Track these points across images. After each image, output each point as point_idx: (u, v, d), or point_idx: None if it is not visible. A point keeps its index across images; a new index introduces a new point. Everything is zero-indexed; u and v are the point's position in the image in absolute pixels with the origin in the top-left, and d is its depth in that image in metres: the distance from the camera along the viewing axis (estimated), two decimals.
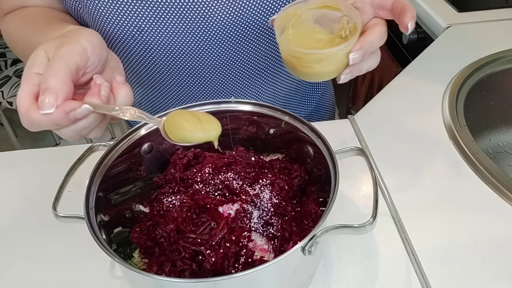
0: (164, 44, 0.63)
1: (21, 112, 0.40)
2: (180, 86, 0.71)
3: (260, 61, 0.70)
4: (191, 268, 0.45)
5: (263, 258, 0.46)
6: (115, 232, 0.52)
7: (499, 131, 0.91)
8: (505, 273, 0.51)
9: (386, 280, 0.51)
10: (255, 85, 0.73)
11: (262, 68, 0.71)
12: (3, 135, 2.14)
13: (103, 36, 0.60)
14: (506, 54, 0.86)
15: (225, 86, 0.71)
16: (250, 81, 0.72)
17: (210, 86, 0.71)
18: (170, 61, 0.66)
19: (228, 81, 0.71)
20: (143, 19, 0.59)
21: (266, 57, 0.70)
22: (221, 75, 0.69)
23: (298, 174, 0.55)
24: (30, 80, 0.41)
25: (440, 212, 0.59)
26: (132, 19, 0.59)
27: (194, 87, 0.71)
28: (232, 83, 0.71)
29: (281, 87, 0.77)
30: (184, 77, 0.69)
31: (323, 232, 0.40)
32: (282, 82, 0.76)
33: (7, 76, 1.96)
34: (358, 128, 0.75)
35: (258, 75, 0.72)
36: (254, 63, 0.70)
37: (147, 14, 0.59)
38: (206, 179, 0.54)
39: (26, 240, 0.59)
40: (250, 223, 0.49)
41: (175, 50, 0.64)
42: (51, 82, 0.40)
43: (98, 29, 0.62)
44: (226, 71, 0.69)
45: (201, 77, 0.69)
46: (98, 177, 0.49)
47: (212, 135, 0.47)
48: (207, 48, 0.65)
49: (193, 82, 0.70)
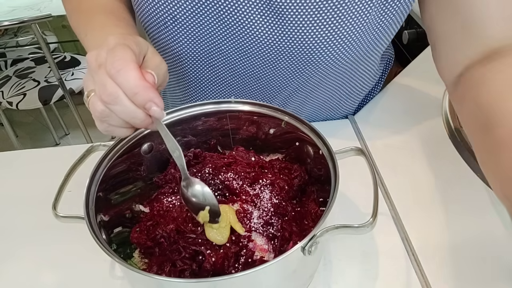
0: (193, 36, 0.61)
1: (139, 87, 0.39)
2: (199, 82, 0.70)
3: (286, 77, 0.67)
4: (191, 268, 0.45)
5: (263, 258, 0.46)
6: (115, 232, 0.52)
7: None
8: (505, 273, 0.51)
9: (386, 280, 0.51)
10: (277, 94, 0.72)
11: (287, 83, 0.68)
12: (3, 135, 2.15)
13: (140, 17, 0.61)
14: None
15: (244, 90, 0.70)
16: (270, 90, 0.70)
17: (231, 87, 0.70)
18: (196, 55, 0.64)
19: (249, 86, 0.69)
20: (177, 6, 0.58)
21: (296, 74, 0.66)
22: (244, 79, 0.68)
23: (298, 174, 0.55)
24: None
25: (440, 212, 0.59)
26: (168, 6, 0.58)
27: (214, 85, 0.70)
28: (253, 89, 0.70)
29: (309, 101, 0.75)
30: (204, 74, 0.68)
31: (323, 232, 0.40)
32: (310, 97, 0.75)
33: (7, 76, 1.96)
34: (358, 128, 0.75)
35: (282, 87, 0.69)
36: (280, 77, 0.67)
37: (183, 2, 0.57)
38: (206, 179, 0.54)
39: (26, 240, 0.59)
40: (250, 223, 0.49)
41: (203, 45, 0.62)
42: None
43: (137, 9, 0.61)
44: (249, 77, 0.67)
45: (224, 77, 0.68)
46: (98, 177, 0.49)
47: (217, 240, 0.47)
48: (236, 51, 0.62)
49: (214, 80, 0.69)
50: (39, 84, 1.88)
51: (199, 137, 0.60)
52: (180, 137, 0.59)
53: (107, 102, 0.39)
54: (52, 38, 2.29)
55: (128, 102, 0.39)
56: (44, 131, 2.46)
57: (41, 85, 1.88)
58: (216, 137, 0.61)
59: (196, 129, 0.59)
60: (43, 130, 2.47)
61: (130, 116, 0.40)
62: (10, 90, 1.87)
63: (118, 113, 0.40)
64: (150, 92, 0.39)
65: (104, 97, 0.39)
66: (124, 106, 0.39)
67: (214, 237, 0.46)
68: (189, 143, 0.60)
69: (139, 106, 0.40)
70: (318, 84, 0.69)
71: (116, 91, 0.39)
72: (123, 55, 0.39)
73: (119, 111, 0.40)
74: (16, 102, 1.81)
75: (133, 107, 0.39)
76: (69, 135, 2.44)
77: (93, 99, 0.41)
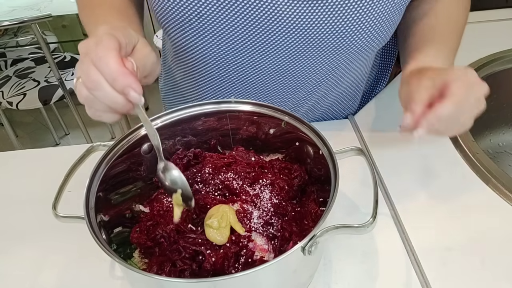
0: (219, 32, 0.61)
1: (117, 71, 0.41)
2: (222, 81, 0.70)
3: (309, 77, 0.68)
4: (191, 268, 0.45)
5: (263, 258, 0.46)
6: (115, 232, 0.52)
7: (499, 131, 0.91)
8: (505, 273, 0.51)
9: (386, 280, 0.51)
10: (291, 96, 0.72)
11: (309, 83, 0.69)
12: (3, 135, 2.15)
13: (159, 15, 0.61)
14: (506, 54, 0.86)
15: (265, 88, 0.70)
16: (288, 91, 0.70)
17: (250, 86, 0.70)
18: (221, 52, 0.64)
19: (271, 84, 0.69)
20: (202, 2, 0.58)
21: (318, 73, 0.68)
22: (265, 79, 0.68)
23: (298, 174, 0.55)
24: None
25: (440, 212, 0.59)
26: (192, 2, 0.58)
27: (235, 83, 0.70)
28: (273, 87, 0.70)
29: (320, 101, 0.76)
30: (228, 72, 0.68)
31: (323, 232, 0.40)
32: (322, 97, 0.76)
33: (7, 76, 1.96)
34: (358, 128, 0.75)
35: (299, 88, 0.70)
36: (304, 77, 0.68)
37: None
38: (206, 179, 0.55)
39: (26, 240, 0.59)
40: (250, 223, 0.49)
41: (229, 41, 0.62)
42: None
43: (157, 7, 0.61)
44: (272, 74, 0.67)
45: (244, 76, 0.68)
46: (98, 177, 0.49)
47: (217, 240, 0.47)
48: (261, 48, 0.62)
49: (235, 79, 0.69)
50: (39, 84, 1.89)
51: (199, 137, 0.60)
52: (180, 137, 0.59)
53: (90, 88, 0.42)
54: (52, 38, 2.29)
55: (109, 88, 0.41)
56: (44, 131, 2.46)
57: (41, 85, 1.88)
58: (216, 137, 0.61)
59: (196, 129, 0.59)
60: (43, 130, 2.47)
61: (111, 101, 0.42)
62: (10, 90, 1.87)
63: (100, 98, 0.42)
64: (128, 78, 0.41)
65: (87, 83, 0.42)
66: (105, 92, 0.41)
67: (214, 237, 0.47)
68: (189, 143, 0.60)
69: (119, 92, 0.42)
70: (338, 78, 0.71)
71: (98, 78, 0.41)
72: (107, 44, 0.42)
73: (101, 96, 0.42)
74: (16, 102, 1.82)
75: (114, 93, 0.41)
76: (69, 135, 2.44)
77: (79, 85, 0.43)
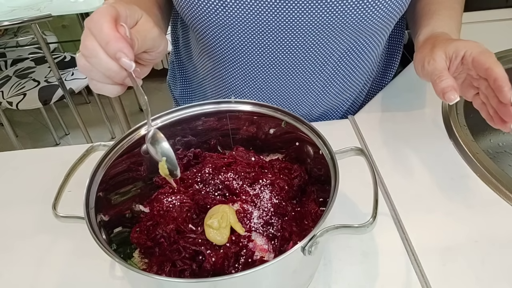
0: (239, 20, 0.62)
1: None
2: (246, 68, 0.71)
3: (323, 71, 0.70)
4: (191, 268, 0.45)
5: (263, 258, 0.46)
6: (115, 232, 0.52)
7: (499, 131, 0.91)
8: (505, 273, 0.51)
9: (386, 280, 0.51)
10: (305, 93, 0.74)
11: (330, 64, 0.70)
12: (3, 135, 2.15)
13: (184, 9, 0.63)
14: (506, 54, 0.86)
15: (287, 76, 0.72)
16: (308, 75, 0.72)
17: (273, 72, 0.71)
18: (241, 39, 0.66)
19: (292, 71, 0.71)
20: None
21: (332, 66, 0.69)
22: (288, 60, 0.69)
23: (298, 174, 0.55)
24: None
25: (440, 212, 0.59)
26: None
27: (261, 68, 0.71)
28: (294, 76, 0.71)
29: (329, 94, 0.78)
30: (253, 58, 0.69)
31: (323, 232, 0.40)
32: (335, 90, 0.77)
33: (7, 76, 1.96)
34: (358, 128, 0.75)
35: (320, 71, 0.71)
36: (326, 56, 0.69)
37: None
38: (206, 179, 0.55)
39: (26, 240, 0.59)
40: (250, 223, 0.49)
41: (250, 25, 0.63)
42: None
43: (183, 2, 0.62)
44: (295, 59, 0.68)
45: (269, 61, 0.69)
46: (98, 177, 0.49)
47: (217, 240, 0.47)
48: (284, 25, 0.63)
49: (254, 71, 0.71)
50: (39, 84, 1.89)
51: (199, 137, 0.60)
52: (180, 137, 0.59)
53: (86, 55, 0.43)
54: (52, 38, 2.29)
55: (103, 55, 0.42)
56: (44, 131, 2.46)
57: (41, 85, 1.88)
58: (216, 137, 0.61)
59: (196, 129, 0.59)
60: (43, 130, 2.47)
61: (105, 68, 0.43)
62: (10, 90, 1.87)
63: (96, 65, 0.43)
64: (120, 42, 0.42)
65: (84, 51, 0.43)
66: (99, 58, 0.42)
67: (214, 238, 0.47)
68: (189, 143, 0.60)
69: (112, 58, 0.42)
70: (355, 60, 0.72)
71: (92, 44, 0.42)
72: (104, 10, 0.43)
73: (96, 63, 0.43)
74: (16, 102, 1.82)
75: (107, 59, 0.42)
76: (69, 135, 2.44)
77: (78, 55, 0.44)
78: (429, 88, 0.81)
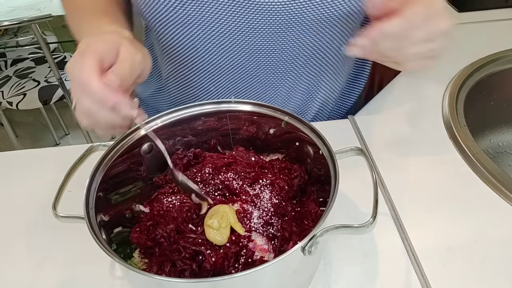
0: (203, 19, 0.62)
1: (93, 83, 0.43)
2: (210, 72, 0.71)
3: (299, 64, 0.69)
4: (191, 268, 0.45)
5: (263, 258, 0.46)
6: (115, 232, 0.52)
7: (499, 131, 0.91)
8: (505, 273, 0.51)
9: (386, 280, 0.51)
10: (281, 86, 0.73)
11: (298, 62, 0.70)
12: (3, 135, 2.15)
13: (144, 9, 0.62)
14: (506, 54, 0.86)
15: (256, 78, 0.72)
16: (280, 73, 0.72)
17: (239, 75, 0.71)
18: (206, 41, 0.65)
19: (260, 72, 0.71)
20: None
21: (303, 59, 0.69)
22: (253, 63, 0.69)
23: (298, 174, 0.55)
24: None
25: (440, 212, 0.59)
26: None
27: (225, 72, 0.71)
28: (263, 76, 0.71)
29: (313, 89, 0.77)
30: (216, 60, 0.69)
31: (323, 232, 0.40)
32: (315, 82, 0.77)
33: (7, 76, 1.96)
34: (358, 128, 0.75)
35: (290, 70, 0.71)
36: (292, 55, 0.69)
37: None
38: (206, 179, 0.54)
39: (26, 240, 0.59)
40: (250, 223, 0.49)
41: (213, 27, 0.63)
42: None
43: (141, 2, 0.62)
44: (260, 61, 0.68)
45: (232, 61, 0.69)
46: (98, 177, 0.49)
47: (217, 240, 0.47)
48: (246, 27, 0.63)
49: (224, 66, 0.70)
50: (39, 84, 1.88)
51: (199, 137, 0.60)
52: (180, 137, 0.59)
53: (87, 115, 0.45)
54: (52, 38, 2.29)
55: (102, 112, 0.44)
56: (44, 131, 2.46)
57: (41, 85, 1.88)
58: (216, 137, 0.61)
59: (196, 129, 0.59)
60: (43, 130, 2.47)
61: (109, 122, 0.45)
62: (10, 90, 1.87)
63: (99, 122, 0.45)
64: (114, 96, 0.43)
65: (82, 112, 0.45)
66: (100, 116, 0.44)
67: (214, 238, 0.46)
68: (189, 143, 0.60)
69: (112, 111, 0.44)
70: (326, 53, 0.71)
71: (89, 105, 0.44)
72: (88, 66, 0.44)
73: (99, 121, 0.45)
74: (16, 102, 1.81)
75: (108, 114, 0.44)
76: (69, 135, 2.44)
77: (77, 115, 0.46)
78: (429, 88, 0.81)
